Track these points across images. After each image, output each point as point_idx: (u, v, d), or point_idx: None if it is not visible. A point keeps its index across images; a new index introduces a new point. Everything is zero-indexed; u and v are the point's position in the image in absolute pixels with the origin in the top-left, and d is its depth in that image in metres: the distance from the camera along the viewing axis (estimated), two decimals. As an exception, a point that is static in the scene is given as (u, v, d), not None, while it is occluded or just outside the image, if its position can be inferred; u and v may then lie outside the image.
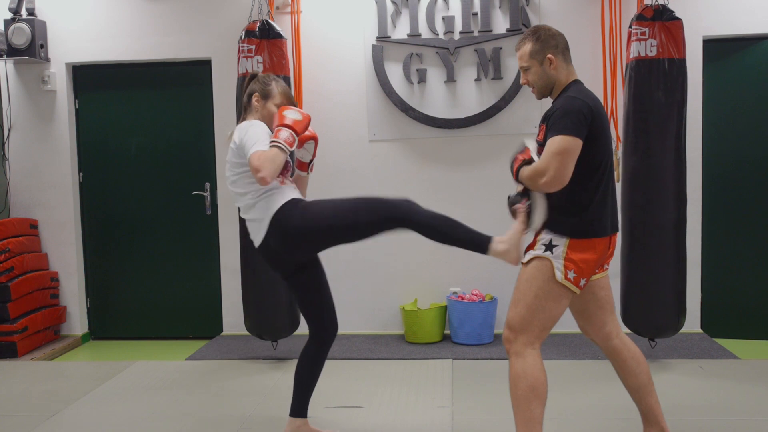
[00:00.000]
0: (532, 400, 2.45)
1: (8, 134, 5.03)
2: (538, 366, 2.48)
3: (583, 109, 2.44)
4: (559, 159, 2.38)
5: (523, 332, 2.50)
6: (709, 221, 4.68)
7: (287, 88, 2.95)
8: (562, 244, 2.48)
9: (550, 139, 2.42)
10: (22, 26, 4.74)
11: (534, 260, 2.52)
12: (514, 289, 2.58)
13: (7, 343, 4.58)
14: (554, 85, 2.60)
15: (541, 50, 2.57)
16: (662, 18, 3.85)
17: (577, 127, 2.40)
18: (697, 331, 4.66)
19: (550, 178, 2.40)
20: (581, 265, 2.48)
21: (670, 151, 3.86)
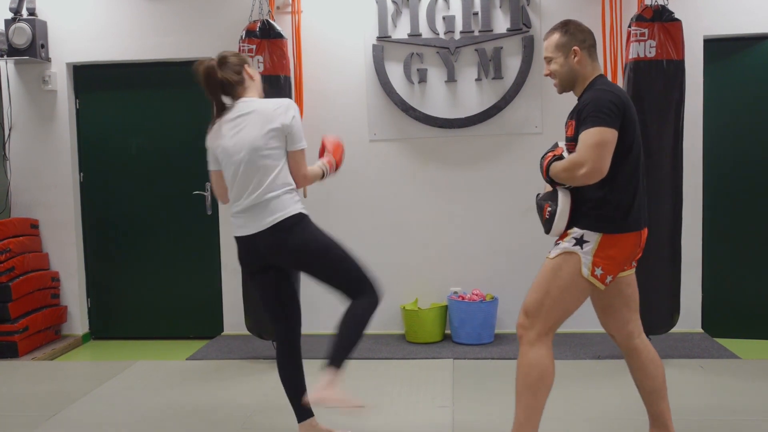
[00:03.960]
0: (538, 390, 2.49)
1: (9, 134, 5.03)
2: (549, 357, 2.52)
3: (615, 100, 2.43)
4: (597, 150, 2.37)
5: (539, 320, 2.50)
6: (710, 221, 4.68)
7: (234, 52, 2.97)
8: (593, 241, 2.46)
9: (586, 131, 2.40)
10: (23, 26, 4.74)
11: (562, 254, 2.50)
12: (537, 275, 2.56)
13: (8, 342, 4.58)
14: (577, 80, 2.60)
15: (567, 43, 2.58)
16: (662, 19, 3.86)
17: (612, 119, 2.40)
18: (698, 330, 4.65)
19: (590, 170, 2.38)
20: (610, 262, 2.47)
21: (668, 152, 3.87)
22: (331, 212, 4.89)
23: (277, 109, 2.82)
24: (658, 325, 4.01)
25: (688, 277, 4.57)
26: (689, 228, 4.51)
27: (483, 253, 4.77)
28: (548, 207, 2.56)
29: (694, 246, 4.60)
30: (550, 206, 2.55)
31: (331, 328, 4.90)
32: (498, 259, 4.70)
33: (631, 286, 2.70)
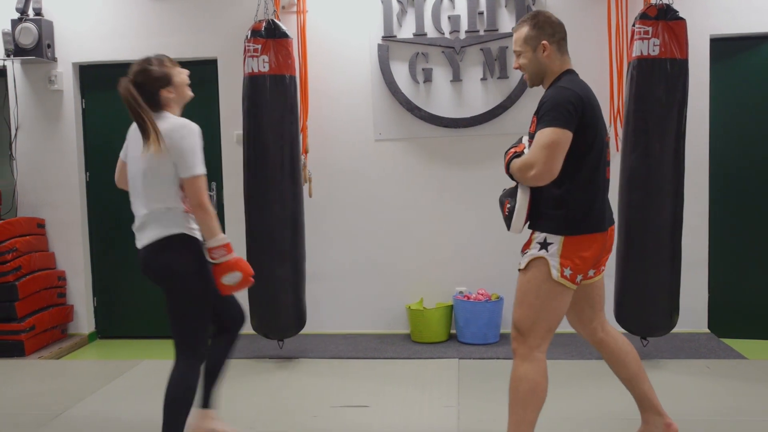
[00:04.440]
0: (528, 404, 2.46)
1: (15, 134, 5.05)
2: (541, 371, 2.48)
3: (573, 99, 2.39)
4: (547, 152, 2.33)
5: (530, 333, 2.48)
6: (716, 221, 4.66)
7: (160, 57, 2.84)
8: (557, 242, 2.44)
9: (540, 131, 2.37)
10: (29, 26, 4.75)
11: (531, 261, 2.49)
12: (516, 289, 2.56)
13: (14, 341, 4.60)
14: (546, 74, 2.56)
15: (536, 36, 2.53)
16: (666, 17, 3.84)
17: (567, 119, 2.35)
18: (704, 330, 4.64)
19: (539, 171, 2.35)
20: (577, 261, 2.45)
21: (669, 152, 3.85)
22: (336, 212, 4.90)
23: (172, 131, 2.66)
24: (658, 326, 4.00)
25: (694, 277, 4.56)
26: (695, 228, 4.51)
27: (488, 253, 4.77)
28: (508, 204, 2.54)
29: (700, 246, 4.59)
30: (509, 203, 2.53)
31: (336, 328, 4.94)
32: (503, 259, 4.69)
33: (598, 288, 2.70)
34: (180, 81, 2.81)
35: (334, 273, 4.93)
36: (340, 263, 4.93)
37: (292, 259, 4.21)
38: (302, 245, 4.30)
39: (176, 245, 2.67)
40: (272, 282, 4.17)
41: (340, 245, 4.92)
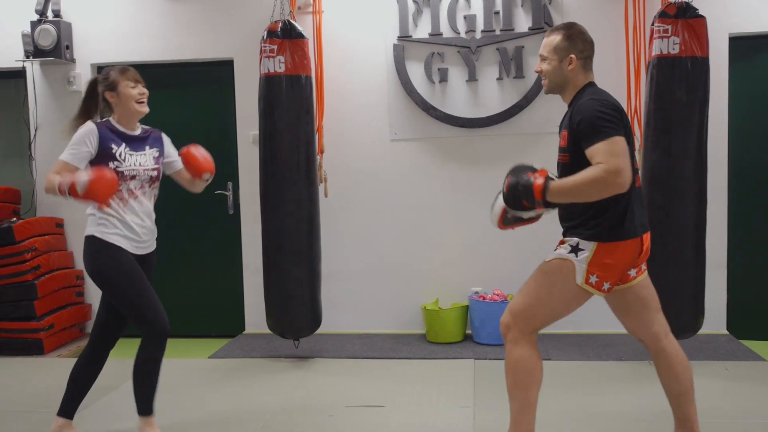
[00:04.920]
0: (528, 386, 2.52)
1: (34, 134, 5.10)
2: (535, 354, 2.54)
3: (613, 108, 2.42)
4: (621, 158, 2.32)
5: (522, 320, 2.52)
6: (735, 221, 4.62)
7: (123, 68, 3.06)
8: (588, 250, 2.45)
9: (604, 141, 2.33)
10: (48, 28, 4.80)
11: (557, 259, 2.50)
12: (529, 277, 2.55)
13: (33, 340, 4.64)
14: (566, 86, 2.58)
15: (566, 48, 2.54)
16: (685, 15, 3.81)
17: (618, 127, 2.38)
18: (723, 332, 4.59)
19: (626, 178, 2.31)
20: (607, 269, 2.45)
21: (691, 151, 3.82)
22: (352, 212, 4.90)
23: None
24: (683, 328, 3.96)
25: (713, 278, 4.51)
26: (714, 228, 4.46)
27: (504, 253, 4.75)
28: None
29: (719, 247, 4.54)
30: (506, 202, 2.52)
31: (351, 327, 4.94)
32: (519, 259, 4.66)
33: (647, 288, 2.67)
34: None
35: (350, 273, 4.93)
36: (355, 263, 4.93)
37: (307, 258, 4.22)
38: (318, 245, 4.30)
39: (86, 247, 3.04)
40: (288, 282, 4.19)
41: (355, 245, 4.92)
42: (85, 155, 2.92)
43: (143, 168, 3.04)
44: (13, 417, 3.50)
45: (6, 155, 5.40)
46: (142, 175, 3.03)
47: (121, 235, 2.97)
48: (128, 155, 3.00)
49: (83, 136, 2.93)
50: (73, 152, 2.91)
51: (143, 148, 3.09)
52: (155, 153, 3.13)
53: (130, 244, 3.00)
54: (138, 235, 3.02)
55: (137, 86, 3.03)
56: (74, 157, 2.91)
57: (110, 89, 3.01)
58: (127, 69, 3.04)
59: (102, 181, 2.75)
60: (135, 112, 3.04)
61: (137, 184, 3.02)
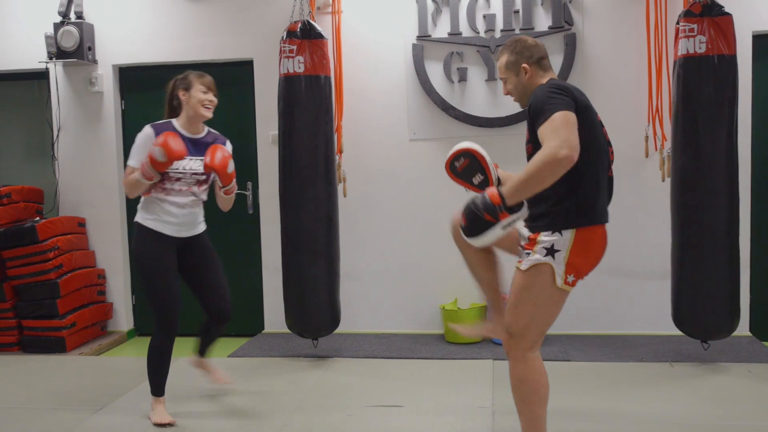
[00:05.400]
0: (535, 403, 2.52)
1: (57, 135, 5.16)
2: (539, 369, 2.53)
3: (557, 87, 2.42)
4: (565, 129, 2.26)
5: (523, 337, 2.51)
6: (759, 221, 4.56)
7: (201, 73, 3.34)
8: (564, 249, 2.43)
9: (548, 119, 2.30)
10: (71, 29, 4.85)
11: (534, 267, 2.46)
12: (512, 290, 2.54)
13: (56, 338, 4.70)
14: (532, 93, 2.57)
15: (515, 62, 2.60)
16: (711, 14, 3.76)
17: (565, 102, 2.35)
18: (746, 334, 4.54)
19: (570, 148, 2.23)
20: (581, 265, 2.46)
21: (722, 150, 3.77)
22: (371, 211, 4.90)
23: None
24: (718, 330, 3.92)
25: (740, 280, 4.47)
26: (737, 228, 4.41)
27: (523, 253, 4.72)
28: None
29: (743, 247, 4.44)
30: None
31: (370, 327, 4.95)
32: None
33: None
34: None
35: (369, 272, 4.94)
36: (374, 263, 4.94)
37: (326, 258, 4.23)
38: (336, 245, 4.31)
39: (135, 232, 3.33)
40: (307, 281, 4.20)
41: (374, 245, 4.92)
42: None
43: (191, 172, 3.25)
44: (35, 414, 3.55)
45: (29, 155, 5.47)
46: (188, 179, 3.26)
47: (159, 220, 3.25)
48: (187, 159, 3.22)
49: (142, 141, 3.23)
50: (139, 157, 3.19)
51: (200, 152, 3.27)
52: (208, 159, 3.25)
53: (168, 227, 3.26)
54: (176, 217, 3.26)
55: (208, 93, 3.28)
56: (139, 160, 3.19)
57: (184, 88, 3.28)
58: (204, 75, 3.32)
59: (168, 142, 3.04)
60: (199, 114, 3.26)
61: (182, 185, 3.26)
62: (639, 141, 4.51)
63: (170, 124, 3.31)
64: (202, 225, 3.44)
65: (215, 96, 3.32)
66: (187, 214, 3.30)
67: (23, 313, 4.75)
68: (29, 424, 3.41)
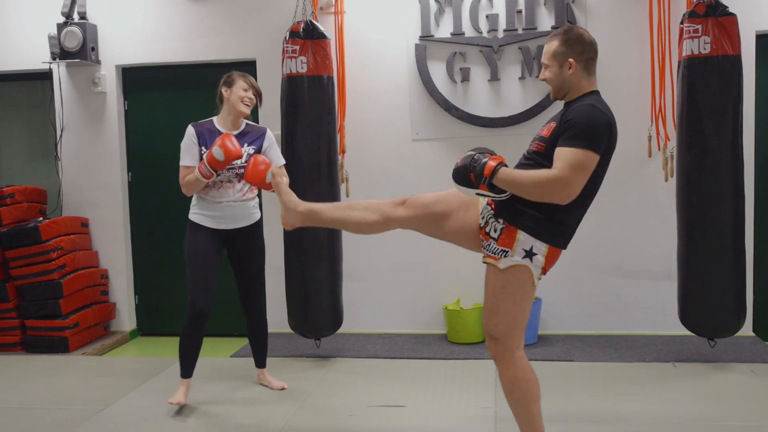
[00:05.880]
0: (529, 401, 2.53)
1: (60, 135, 5.17)
2: (528, 368, 2.54)
3: (608, 124, 2.39)
4: (581, 173, 2.32)
5: (508, 338, 2.50)
6: (762, 221, 4.55)
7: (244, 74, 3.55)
8: (541, 254, 2.44)
9: (574, 149, 2.32)
10: (74, 30, 4.86)
11: (512, 267, 2.45)
12: (487, 293, 2.54)
13: (59, 338, 4.71)
14: (570, 91, 2.53)
15: (564, 53, 2.51)
16: (715, 14, 3.76)
17: (600, 144, 2.35)
18: (749, 334, 4.53)
19: (572, 192, 2.33)
20: (546, 269, 2.51)
21: (727, 150, 3.77)
22: (374, 212, 4.90)
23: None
24: (724, 328, 3.92)
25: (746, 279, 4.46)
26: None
27: (526, 254, 4.72)
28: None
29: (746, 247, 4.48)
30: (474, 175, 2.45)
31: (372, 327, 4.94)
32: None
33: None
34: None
35: (371, 273, 4.94)
36: (376, 263, 4.94)
37: (328, 258, 4.23)
38: (339, 245, 4.31)
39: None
40: (309, 281, 4.20)
41: (377, 245, 4.92)
42: (197, 153, 3.44)
43: (229, 167, 3.42)
44: (38, 414, 3.55)
45: (32, 156, 5.48)
46: (227, 173, 3.45)
47: (202, 214, 3.48)
48: None
49: (187, 140, 3.48)
50: (188, 157, 3.45)
51: (240, 145, 3.41)
52: (251, 150, 3.49)
53: (210, 220, 3.48)
54: (217, 211, 3.46)
55: (249, 91, 3.49)
56: (190, 159, 3.45)
57: (227, 85, 3.50)
58: (247, 75, 3.53)
59: (226, 143, 3.27)
60: (237, 110, 3.47)
61: (223, 178, 3.44)
62: (642, 141, 4.50)
63: (210, 122, 3.53)
64: (250, 217, 3.59)
65: (255, 95, 3.52)
66: (228, 207, 3.47)
67: (26, 313, 4.76)
68: (32, 423, 3.42)
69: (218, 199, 3.46)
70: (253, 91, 3.50)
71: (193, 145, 3.44)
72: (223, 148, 3.26)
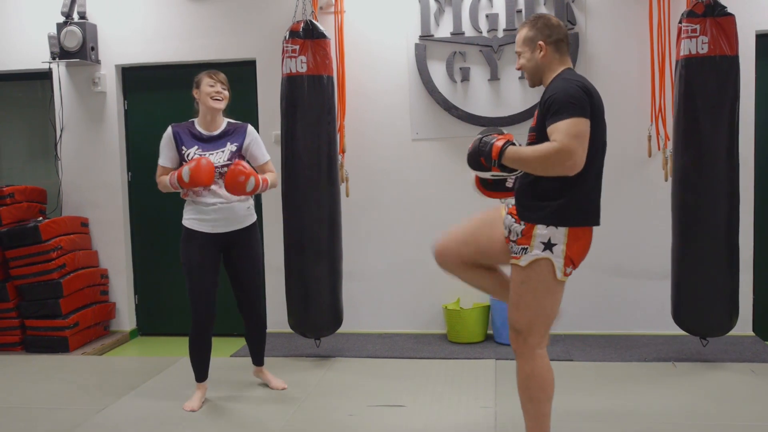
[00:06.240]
0: (541, 400, 2.54)
1: (60, 135, 5.17)
2: (546, 367, 2.55)
3: (583, 89, 2.43)
4: (579, 140, 2.36)
5: (530, 334, 2.53)
6: (762, 221, 4.55)
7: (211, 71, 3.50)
8: (561, 243, 2.45)
9: (565, 120, 2.36)
10: (74, 29, 4.86)
11: (533, 262, 2.48)
12: (511, 289, 2.57)
13: (59, 338, 4.71)
14: (544, 74, 2.61)
15: (534, 37, 2.59)
16: (713, 14, 3.76)
17: (584, 108, 2.39)
18: (749, 333, 4.53)
19: (579, 161, 2.35)
20: (575, 259, 2.49)
21: (723, 151, 3.78)
22: (373, 211, 4.90)
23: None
24: (717, 327, 3.93)
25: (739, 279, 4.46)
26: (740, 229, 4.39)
27: (526, 253, 4.72)
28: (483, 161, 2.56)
29: (746, 247, 4.47)
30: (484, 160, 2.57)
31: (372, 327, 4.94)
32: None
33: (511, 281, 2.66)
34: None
35: (371, 272, 4.94)
36: (376, 263, 4.94)
37: (328, 258, 4.23)
38: (339, 244, 4.31)
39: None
40: (309, 281, 4.20)
41: (377, 245, 4.92)
42: (173, 156, 3.45)
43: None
44: (38, 414, 3.55)
45: (32, 155, 5.48)
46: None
47: (194, 219, 3.46)
48: (198, 155, 3.38)
49: (164, 142, 3.48)
50: (163, 157, 3.48)
51: (220, 145, 3.45)
52: (233, 148, 3.48)
53: (203, 225, 3.44)
54: (209, 214, 3.43)
55: (216, 85, 3.43)
56: (165, 159, 3.48)
57: (195, 86, 3.47)
58: (213, 71, 3.48)
59: (200, 168, 3.25)
60: (209, 107, 3.43)
61: None
62: (642, 141, 4.50)
63: (191, 122, 3.50)
64: (245, 219, 3.54)
65: (225, 89, 3.46)
66: (221, 209, 3.44)
67: (26, 312, 4.76)
68: (32, 423, 3.42)
69: (210, 200, 3.43)
70: (220, 84, 3.45)
71: (170, 145, 3.46)
72: (192, 171, 3.25)
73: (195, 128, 3.49)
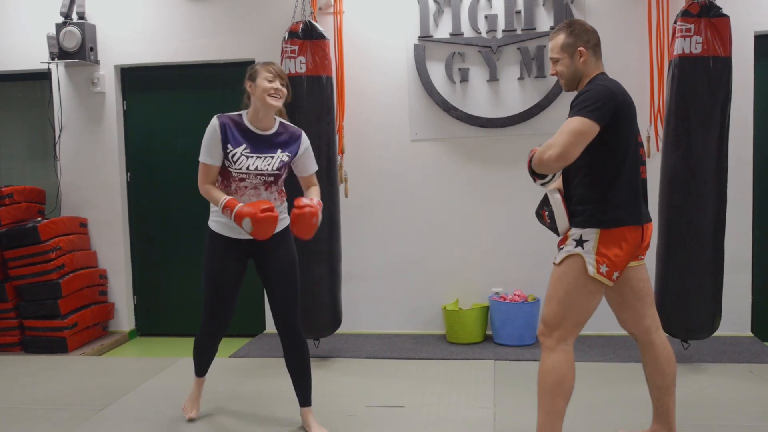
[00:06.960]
0: (557, 395, 2.54)
1: (59, 135, 5.17)
2: (568, 363, 2.55)
3: (608, 93, 2.46)
4: (570, 137, 2.39)
5: (557, 328, 2.55)
6: (760, 222, 4.56)
7: (268, 62, 3.06)
8: (592, 239, 2.49)
9: (568, 119, 2.43)
10: (73, 30, 4.86)
11: (566, 258, 2.54)
12: (549, 283, 2.61)
13: (58, 338, 4.70)
14: (582, 79, 2.63)
15: (573, 43, 2.60)
16: (709, 14, 3.77)
17: (598, 113, 2.41)
18: (748, 334, 4.54)
19: (556, 153, 2.39)
20: (613, 258, 2.49)
21: (712, 152, 3.78)
22: (372, 212, 4.91)
23: None
24: (700, 329, 3.93)
25: (738, 280, 4.47)
26: (739, 229, 4.41)
27: (525, 254, 4.73)
28: (545, 213, 2.62)
29: (744, 248, 4.49)
30: (546, 211, 2.62)
31: (371, 327, 4.95)
32: (540, 260, 4.64)
33: (643, 280, 2.70)
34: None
35: (370, 273, 4.94)
36: (375, 263, 4.94)
37: (328, 258, 4.23)
38: (338, 245, 4.31)
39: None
40: (308, 281, 4.19)
41: (376, 245, 4.93)
42: (218, 154, 2.97)
43: (257, 172, 2.99)
44: (36, 415, 3.55)
45: (31, 156, 5.48)
46: (253, 179, 3.00)
47: (222, 222, 3.05)
48: (245, 157, 2.97)
49: (209, 135, 2.99)
50: (207, 153, 2.99)
51: (271, 150, 3.02)
52: (285, 157, 3.04)
53: (232, 230, 3.04)
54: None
55: (274, 81, 2.97)
56: (209, 156, 2.98)
57: (250, 78, 3.02)
58: (271, 63, 3.05)
59: (265, 227, 2.86)
60: (265, 104, 2.96)
61: (248, 184, 3.01)
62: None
63: (240, 115, 3.06)
64: (279, 222, 3.03)
65: (284, 85, 2.99)
66: None
67: (25, 313, 4.76)
68: (31, 424, 3.42)
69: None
70: (280, 80, 2.98)
71: (215, 139, 2.96)
72: (255, 227, 2.84)
73: (244, 123, 3.02)
